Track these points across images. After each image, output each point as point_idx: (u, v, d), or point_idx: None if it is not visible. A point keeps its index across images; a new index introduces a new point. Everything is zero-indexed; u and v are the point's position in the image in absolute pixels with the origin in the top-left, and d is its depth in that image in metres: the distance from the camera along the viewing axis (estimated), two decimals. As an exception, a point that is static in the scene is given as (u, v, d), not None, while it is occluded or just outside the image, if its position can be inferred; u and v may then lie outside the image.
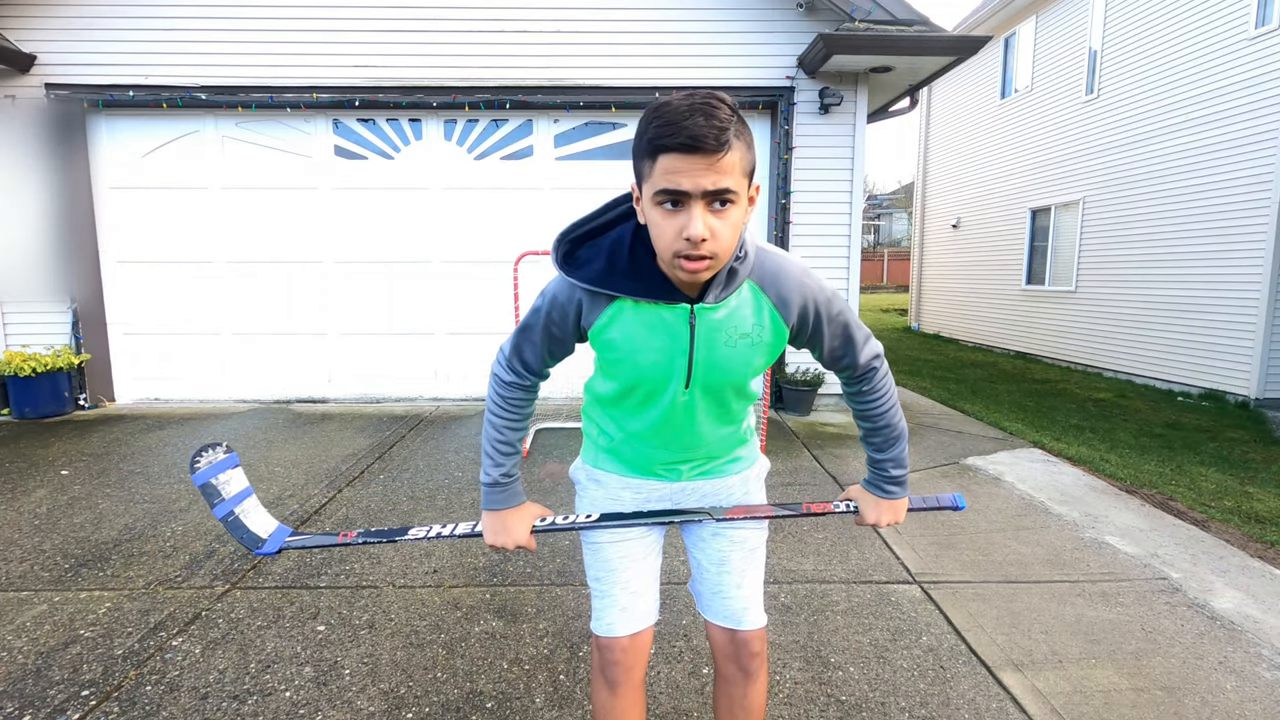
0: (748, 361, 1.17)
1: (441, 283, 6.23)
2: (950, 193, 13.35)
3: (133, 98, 5.71)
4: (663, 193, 0.96)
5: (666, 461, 1.31)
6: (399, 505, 3.61)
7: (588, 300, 1.15)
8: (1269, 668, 2.23)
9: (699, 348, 1.14)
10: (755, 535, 1.36)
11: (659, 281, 1.10)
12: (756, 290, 1.13)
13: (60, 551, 3.02)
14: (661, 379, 1.17)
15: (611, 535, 1.33)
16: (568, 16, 5.77)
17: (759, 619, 1.35)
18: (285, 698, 2.02)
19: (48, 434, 5.08)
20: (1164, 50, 7.98)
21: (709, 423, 1.26)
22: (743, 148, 0.97)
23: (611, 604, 1.33)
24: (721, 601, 1.34)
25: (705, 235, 0.96)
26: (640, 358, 1.16)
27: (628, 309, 1.13)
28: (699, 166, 0.93)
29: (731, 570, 1.33)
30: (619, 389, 1.23)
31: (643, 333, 1.14)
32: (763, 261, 1.14)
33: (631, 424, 1.27)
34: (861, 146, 5.88)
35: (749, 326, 1.14)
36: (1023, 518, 3.52)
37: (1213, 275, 7.38)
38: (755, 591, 1.36)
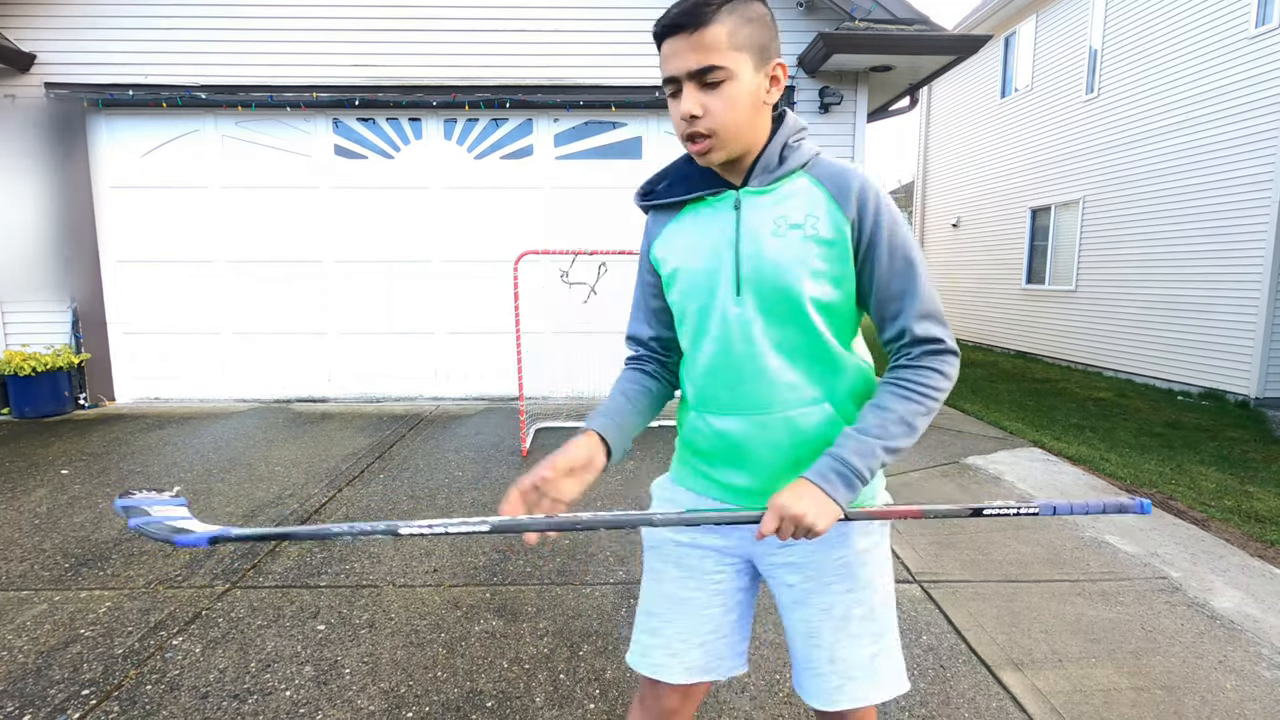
0: (801, 258, 1.02)
1: (441, 282, 6.23)
2: (950, 192, 13.35)
3: (133, 97, 5.71)
4: (665, 83, 1.02)
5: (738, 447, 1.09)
6: (399, 504, 3.62)
7: (653, 223, 1.19)
8: (1269, 667, 2.23)
9: (744, 237, 1.05)
10: (848, 597, 1.12)
11: (709, 177, 1.12)
12: (814, 180, 1.06)
13: (60, 551, 3.02)
14: (710, 283, 1.08)
15: (679, 567, 1.16)
16: (568, 16, 5.77)
17: (858, 697, 1.11)
18: (285, 697, 2.03)
19: (48, 433, 5.08)
20: (1164, 50, 7.98)
21: (777, 358, 1.06)
22: (735, 21, 0.97)
23: (661, 645, 1.16)
24: (812, 678, 1.13)
25: (697, 112, 0.98)
26: (689, 261, 1.11)
27: (682, 219, 1.15)
28: (682, 47, 0.98)
29: (822, 644, 1.12)
30: (679, 314, 1.15)
31: (693, 234, 1.12)
32: (824, 161, 1.08)
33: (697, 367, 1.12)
34: (862, 145, 5.88)
35: (801, 216, 1.04)
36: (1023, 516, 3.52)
37: (1213, 275, 7.38)
38: (856, 663, 1.11)
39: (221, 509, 3.53)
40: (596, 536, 3.20)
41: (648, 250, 1.19)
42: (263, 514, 3.46)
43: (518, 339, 4.63)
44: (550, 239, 6.04)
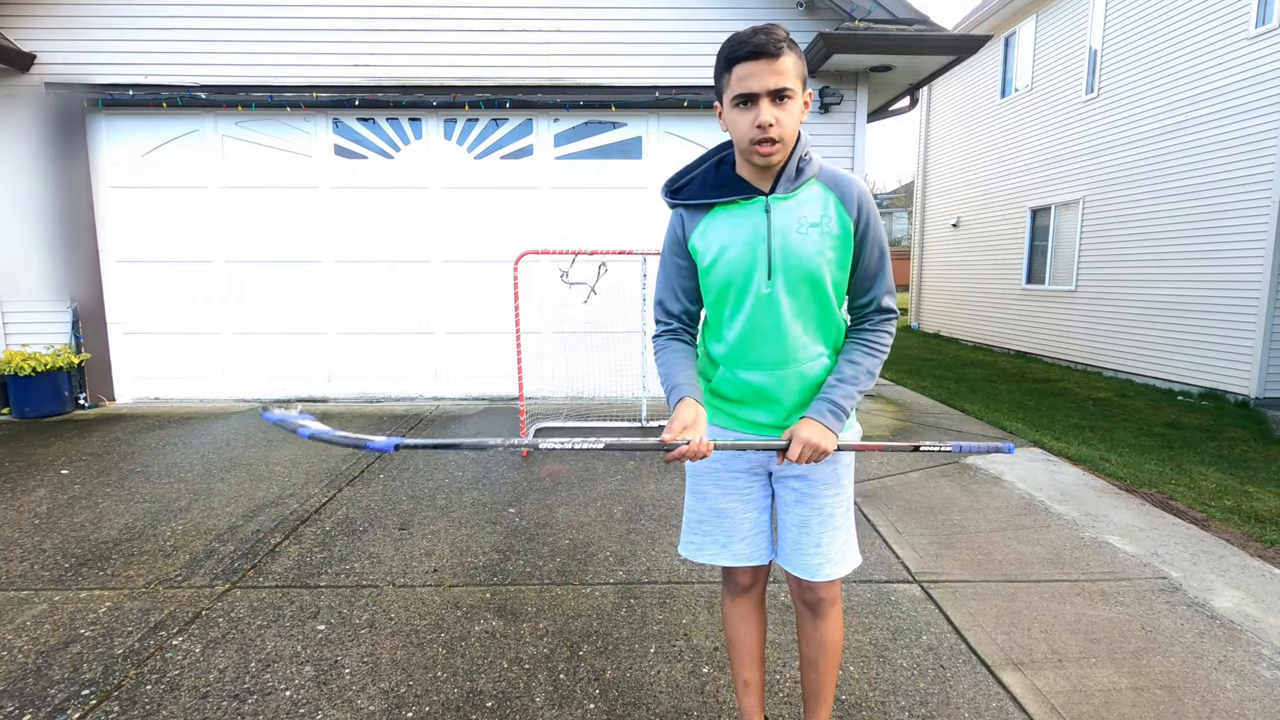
0: (820, 250, 1.37)
1: (441, 282, 6.23)
2: (950, 192, 13.35)
3: (133, 97, 5.70)
4: (739, 96, 1.28)
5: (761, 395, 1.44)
6: (399, 504, 3.62)
7: (688, 216, 1.45)
8: (1269, 667, 2.23)
9: (775, 234, 1.37)
10: (833, 502, 1.51)
11: (739, 184, 1.40)
12: (824, 187, 1.40)
13: (60, 551, 3.02)
14: (748, 269, 1.38)
15: (717, 486, 1.54)
16: (568, 16, 5.77)
17: (832, 573, 1.50)
18: (285, 697, 2.03)
19: (48, 433, 5.08)
20: (1164, 50, 7.98)
21: (796, 325, 1.41)
22: (795, 57, 1.28)
23: (711, 541, 1.56)
24: (800, 557, 1.52)
25: (772, 121, 1.27)
26: (728, 252, 1.39)
27: (717, 216, 1.42)
28: (763, 70, 1.26)
29: (810, 532, 1.51)
30: (716, 293, 1.44)
31: (728, 230, 1.40)
32: (830, 169, 1.42)
33: (730, 336, 1.44)
34: (862, 145, 5.88)
35: (818, 216, 1.37)
36: (1023, 517, 3.52)
37: (1213, 275, 7.38)
38: (834, 549, 1.51)
39: (222, 509, 3.53)
40: (596, 536, 3.20)
41: (684, 239, 1.46)
42: (263, 513, 3.46)
43: (518, 339, 4.63)
44: (550, 239, 6.04)
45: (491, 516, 3.46)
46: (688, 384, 1.44)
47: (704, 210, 1.43)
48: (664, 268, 1.52)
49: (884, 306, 1.46)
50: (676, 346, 1.51)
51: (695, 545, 1.59)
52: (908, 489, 3.94)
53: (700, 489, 1.58)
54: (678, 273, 1.49)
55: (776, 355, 1.42)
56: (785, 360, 1.42)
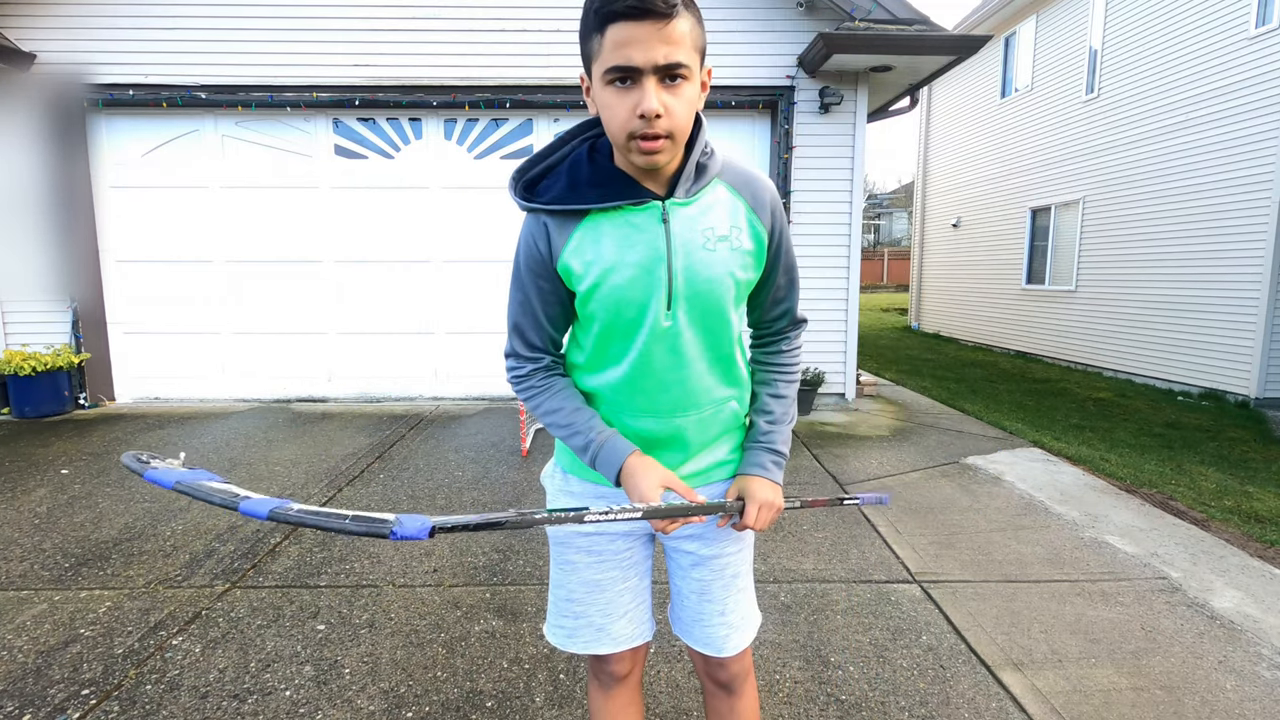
0: (729, 270, 1.08)
1: (442, 282, 6.23)
2: (950, 192, 13.35)
3: (133, 97, 5.70)
4: (613, 70, 0.93)
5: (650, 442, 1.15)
6: (399, 504, 3.62)
7: (554, 226, 1.08)
8: (1269, 667, 2.23)
9: (676, 252, 1.04)
10: (737, 560, 1.26)
11: (625, 183, 1.05)
12: (731, 189, 1.10)
13: (60, 550, 3.02)
14: (642, 300, 1.06)
15: (589, 554, 1.23)
16: (568, 16, 5.76)
17: (740, 643, 1.27)
18: (285, 697, 2.03)
19: (48, 433, 5.08)
20: (1164, 50, 7.98)
21: (701, 364, 1.12)
22: (692, 20, 0.95)
23: (587, 624, 1.25)
24: (703, 629, 1.27)
25: (660, 110, 0.92)
26: (615, 276, 1.05)
27: (597, 224, 1.06)
28: (649, 35, 0.90)
29: (713, 599, 1.25)
30: (599, 331, 1.11)
31: (615, 246, 1.05)
32: (733, 165, 1.11)
33: (613, 377, 1.12)
34: (861, 146, 5.88)
35: (726, 228, 1.08)
36: (1023, 517, 3.52)
37: (1213, 275, 7.38)
38: (739, 616, 1.27)
39: (221, 509, 3.52)
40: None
41: (549, 256, 1.09)
42: (263, 514, 3.46)
43: (518, 339, 4.62)
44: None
45: (491, 516, 3.46)
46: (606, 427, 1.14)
47: (577, 217, 1.06)
48: (519, 287, 1.13)
49: (797, 319, 1.26)
50: (562, 385, 1.18)
51: (566, 631, 1.26)
52: (907, 489, 3.94)
53: (567, 560, 1.25)
54: (540, 296, 1.12)
55: (675, 400, 1.12)
56: (686, 405, 1.13)
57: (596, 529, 1.23)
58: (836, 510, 3.60)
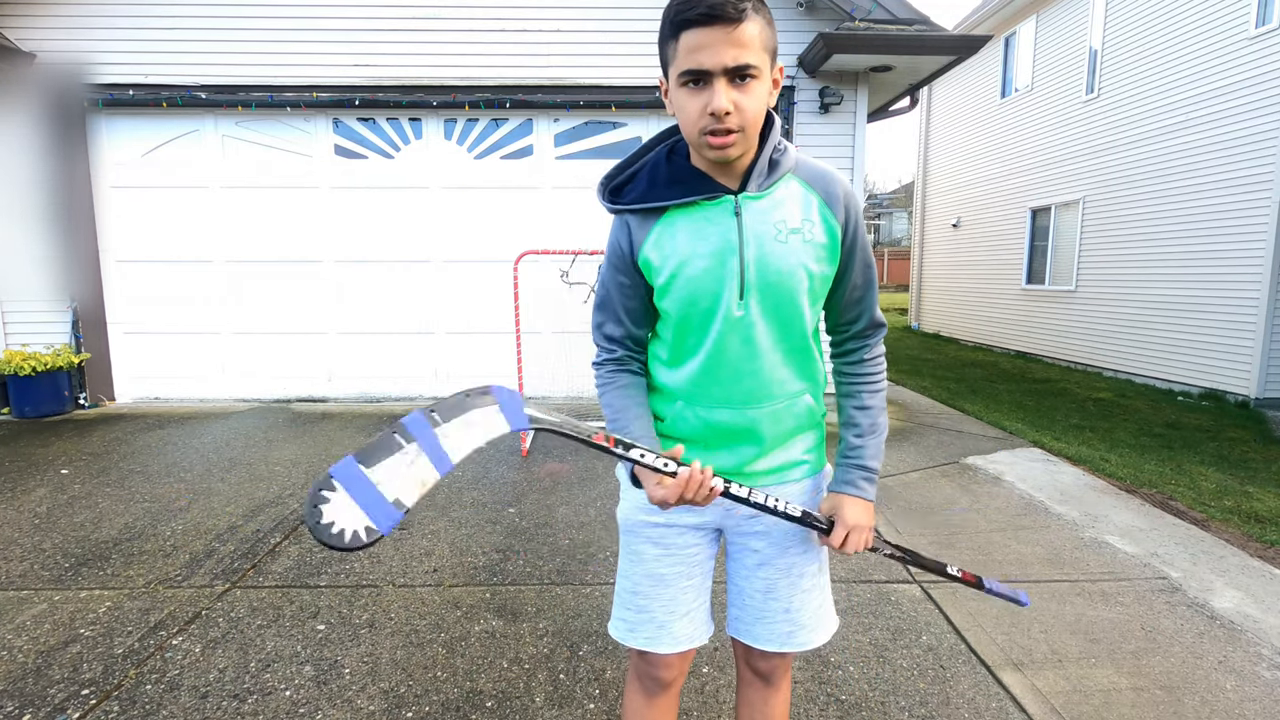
0: (802, 262, 1.10)
1: (442, 282, 6.23)
2: (950, 192, 13.35)
3: (133, 97, 5.70)
4: (686, 73, 0.99)
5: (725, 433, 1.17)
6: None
7: (635, 224, 1.15)
8: (1269, 667, 2.23)
9: (748, 242, 1.09)
10: (803, 560, 1.24)
11: (700, 179, 1.11)
12: (804, 184, 1.13)
13: (60, 550, 3.02)
14: (714, 290, 1.10)
15: (657, 546, 1.23)
16: (568, 16, 5.76)
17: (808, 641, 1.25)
18: (285, 697, 2.02)
19: (48, 433, 5.08)
20: (1164, 50, 7.98)
21: (774, 355, 1.14)
22: (762, 22, 1.00)
23: (649, 620, 1.23)
24: (764, 626, 1.25)
25: (729, 108, 0.98)
26: (689, 268, 1.10)
27: (674, 221, 1.12)
28: (719, 39, 0.96)
29: (779, 597, 1.24)
30: (675, 320, 1.15)
31: (689, 239, 1.11)
32: (808, 162, 1.15)
33: (690, 369, 1.16)
34: (862, 146, 5.88)
35: (798, 220, 1.11)
36: (1023, 517, 3.52)
37: (1213, 275, 7.38)
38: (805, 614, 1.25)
39: (221, 509, 3.53)
40: (596, 536, 3.20)
41: (631, 252, 1.16)
42: (263, 513, 3.46)
43: (518, 339, 4.63)
44: (550, 239, 6.03)
45: (491, 516, 3.46)
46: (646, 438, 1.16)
47: (656, 215, 1.13)
48: (604, 284, 1.22)
49: (877, 321, 1.24)
50: (626, 381, 1.22)
51: (628, 625, 1.26)
52: (907, 489, 3.94)
53: (636, 549, 1.26)
54: (620, 292, 1.19)
55: (749, 390, 1.15)
56: (760, 397, 1.16)
57: (665, 518, 1.23)
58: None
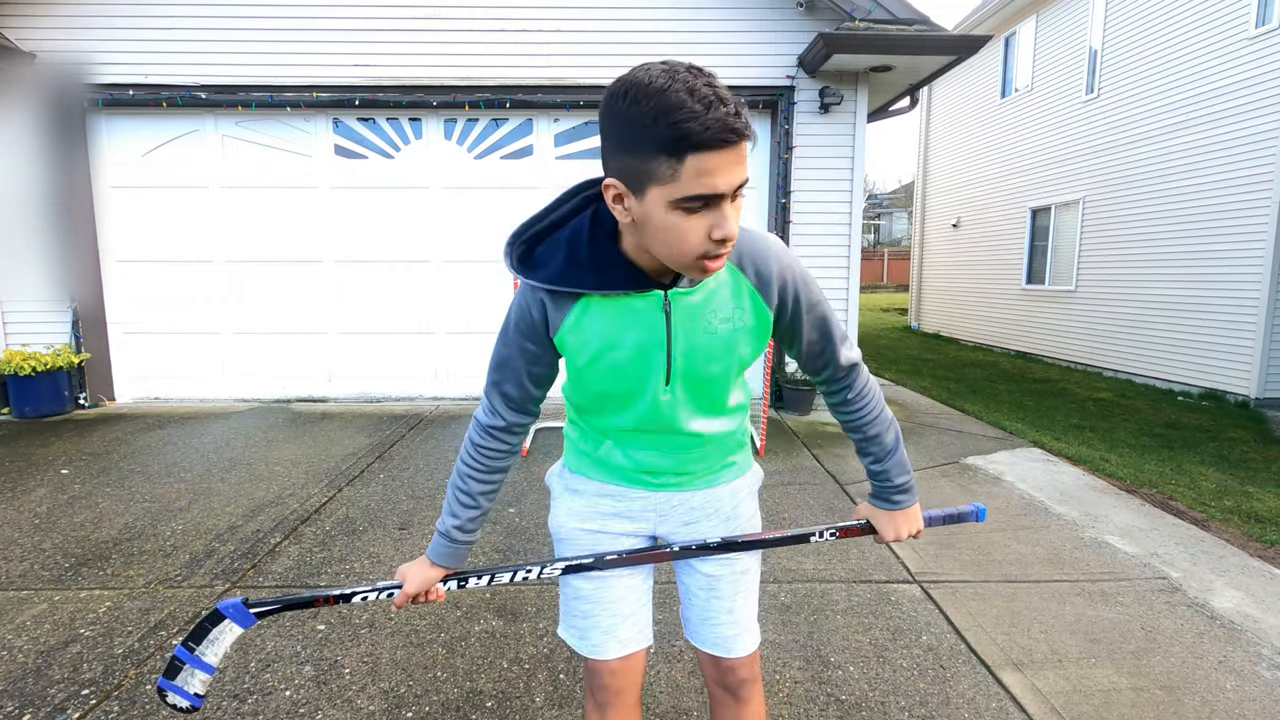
0: (731, 349, 1.08)
1: (442, 282, 6.23)
2: (950, 192, 13.35)
3: (133, 97, 5.71)
4: (695, 199, 0.86)
5: (655, 469, 1.19)
6: (399, 504, 3.62)
7: (551, 303, 1.06)
8: (1269, 667, 2.23)
9: (677, 337, 1.04)
10: (747, 556, 1.27)
11: (626, 270, 1.01)
12: (734, 270, 1.05)
13: (60, 550, 3.02)
14: (639, 378, 1.08)
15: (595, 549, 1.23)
16: (568, 16, 5.76)
17: (750, 645, 1.27)
18: (285, 697, 2.03)
19: (48, 433, 5.08)
20: (1164, 50, 7.98)
21: (700, 420, 1.15)
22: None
23: (594, 625, 1.23)
24: (711, 628, 1.26)
25: (734, 233, 0.89)
26: (613, 355, 1.06)
27: (595, 305, 1.05)
28: (732, 160, 0.85)
29: (722, 595, 1.25)
30: (595, 394, 1.13)
31: (613, 329, 1.05)
32: (739, 239, 1.05)
33: (615, 423, 1.16)
34: (862, 146, 5.88)
35: (728, 310, 1.06)
36: (1023, 517, 3.52)
37: (1213, 275, 7.38)
38: (747, 615, 1.28)
39: (221, 509, 3.53)
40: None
41: (545, 329, 1.08)
42: (263, 513, 3.46)
43: (518, 339, 4.62)
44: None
45: (491, 516, 3.46)
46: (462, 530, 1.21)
47: (575, 296, 1.05)
48: (507, 345, 1.13)
49: (847, 364, 1.19)
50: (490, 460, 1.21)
51: (578, 632, 1.26)
52: (908, 489, 3.93)
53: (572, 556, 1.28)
54: (525, 358, 1.12)
55: (678, 444, 1.16)
56: (690, 446, 1.17)
57: (599, 525, 1.23)
58: (837, 510, 3.60)
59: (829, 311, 1.14)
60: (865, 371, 1.23)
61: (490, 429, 1.19)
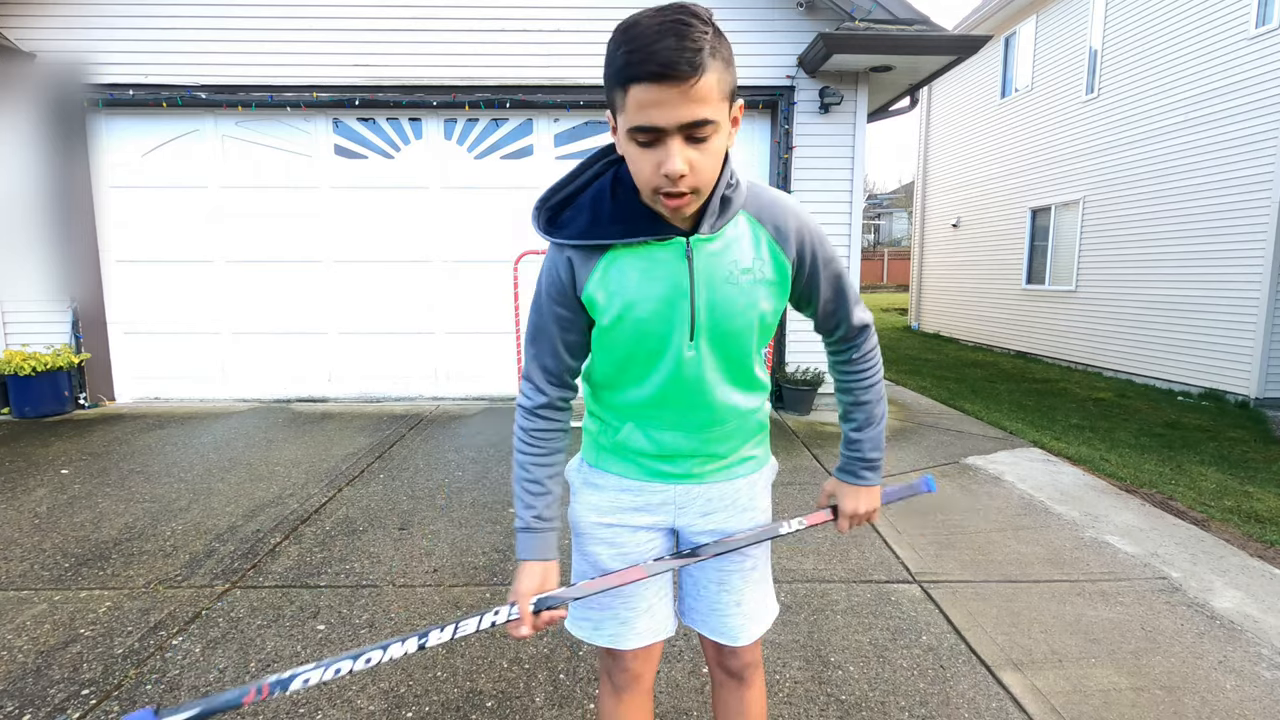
0: (753, 302, 1.09)
1: (441, 282, 6.23)
2: (950, 192, 13.35)
3: (133, 97, 5.70)
4: (637, 129, 0.90)
5: (676, 453, 1.19)
6: (399, 504, 3.62)
7: (578, 259, 1.08)
8: (1269, 667, 2.23)
9: (700, 286, 1.06)
10: (757, 551, 1.29)
11: (648, 219, 1.03)
12: (753, 221, 1.08)
13: (60, 550, 3.02)
14: (664, 332, 1.08)
15: (611, 546, 1.23)
16: (568, 16, 5.76)
17: (756, 633, 1.29)
18: (285, 697, 2.02)
19: (48, 433, 5.08)
20: (1164, 50, 7.98)
21: (724, 387, 1.15)
22: (720, 67, 0.90)
23: (611, 617, 1.25)
24: (718, 619, 1.28)
25: (684, 171, 0.91)
26: (638, 309, 1.07)
27: (620, 258, 1.06)
28: (673, 96, 0.86)
29: (731, 589, 1.27)
30: (620, 358, 1.13)
31: (638, 280, 1.06)
32: (757, 194, 1.09)
33: (637, 396, 1.15)
34: (862, 146, 5.88)
35: (749, 260, 1.07)
36: (1023, 517, 3.52)
37: (1213, 275, 7.38)
38: (754, 605, 1.29)
39: (222, 509, 3.53)
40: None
41: (572, 287, 1.10)
42: (263, 513, 3.46)
43: (518, 339, 4.63)
44: (550, 239, 6.03)
45: (491, 516, 3.46)
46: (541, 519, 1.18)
47: (600, 251, 1.07)
48: (540, 315, 1.15)
49: (858, 324, 1.22)
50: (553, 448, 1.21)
51: (591, 624, 1.26)
52: (908, 489, 3.93)
53: (588, 550, 1.26)
54: (559, 324, 1.14)
55: (700, 419, 1.16)
56: (710, 423, 1.17)
57: (618, 519, 1.23)
58: (836, 510, 3.59)
59: (843, 270, 1.17)
60: (874, 335, 1.25)
61: (535, 410, 1.21)
